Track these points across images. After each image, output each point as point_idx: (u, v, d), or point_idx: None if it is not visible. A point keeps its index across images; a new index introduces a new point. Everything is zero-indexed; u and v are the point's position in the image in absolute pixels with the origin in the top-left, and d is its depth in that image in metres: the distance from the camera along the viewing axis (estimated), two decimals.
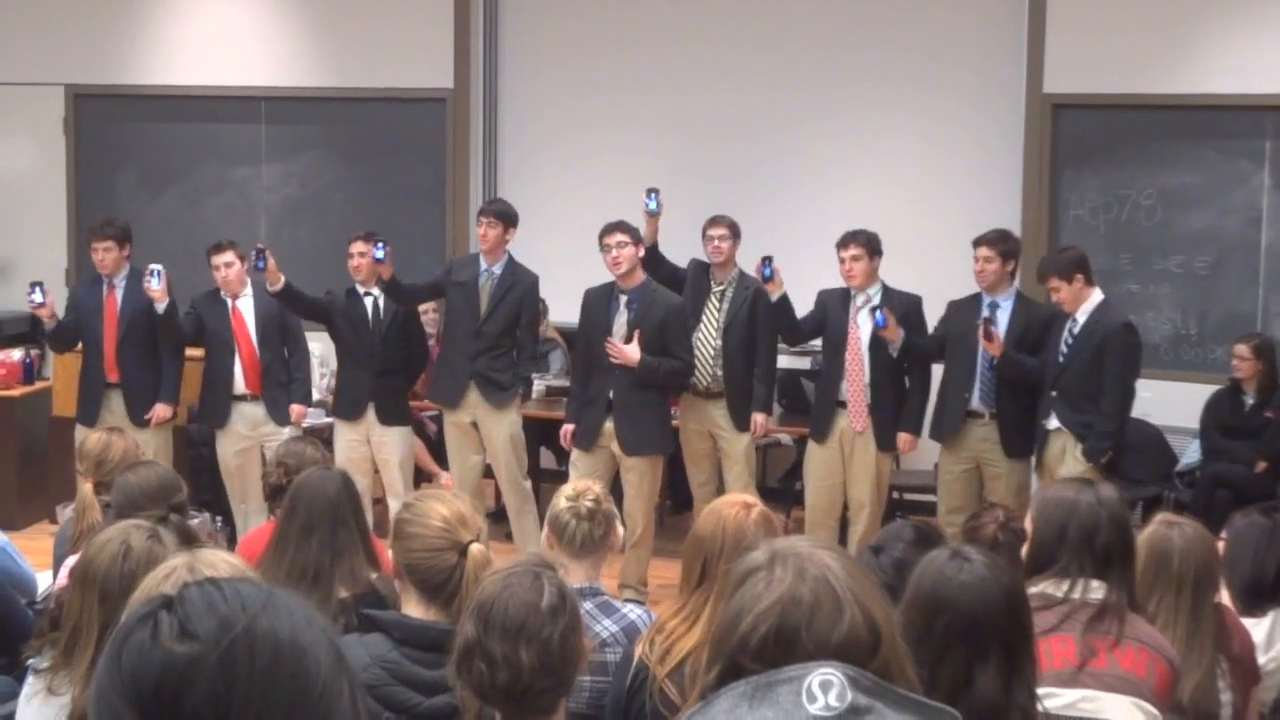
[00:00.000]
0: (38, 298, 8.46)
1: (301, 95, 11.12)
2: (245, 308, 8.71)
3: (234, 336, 8.67)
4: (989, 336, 7.85)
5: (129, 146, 11.47)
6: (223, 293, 8.70)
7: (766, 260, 8.16)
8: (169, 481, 4.90)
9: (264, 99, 11.18)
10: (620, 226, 8.19)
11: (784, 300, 8.26)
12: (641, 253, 8.23)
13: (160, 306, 8.47)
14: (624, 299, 8.20)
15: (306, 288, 8.85)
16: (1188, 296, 9.64)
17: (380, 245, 8.36)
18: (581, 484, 4.39)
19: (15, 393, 9.85)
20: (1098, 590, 3.56)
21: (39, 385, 10.06)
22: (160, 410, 8.71)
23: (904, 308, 8.26)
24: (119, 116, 11.45)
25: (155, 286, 8.39)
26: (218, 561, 2.69)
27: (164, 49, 11.29)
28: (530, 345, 8.75)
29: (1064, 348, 7.85)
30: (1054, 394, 7.84)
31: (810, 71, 10.32)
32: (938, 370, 8.43)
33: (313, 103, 11.13)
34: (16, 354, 10.08)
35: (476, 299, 8.59)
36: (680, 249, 8.69)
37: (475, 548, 3.47)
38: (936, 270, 9.19)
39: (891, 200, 9.91)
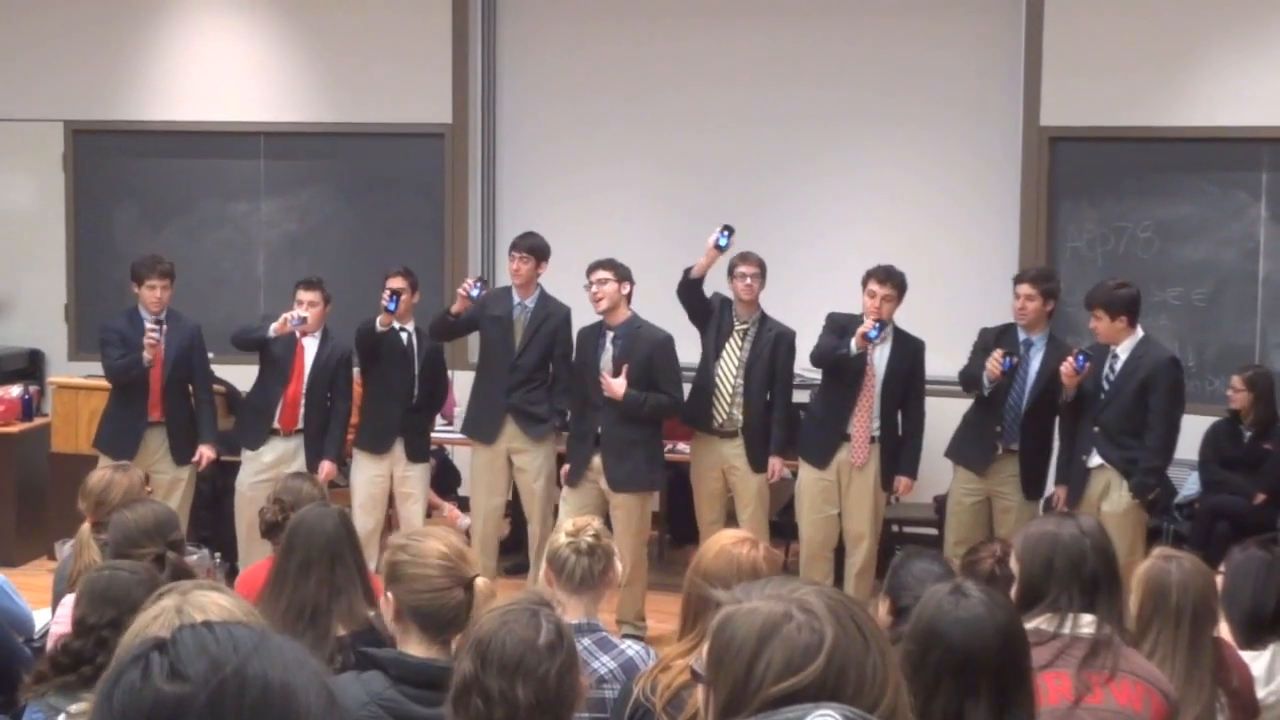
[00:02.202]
0: (157, 334, 8.48)
1: (300, 130, 11.13)
2: (309, 348, 8.69)
3: (290, 370, 8.67)
4: (1081, 371, 7.74)
5: (128, 182, 11.48)
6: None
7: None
8: (165, 519, 4.89)
9: (263, 134, 11.20)
10: (604, 264, 8.20)
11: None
12: (625, 290, 8.22)
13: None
14: (610, 335, 8.22)
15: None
16: (1185, 328, 9.65)
17: (479, 285, 8.51)
18: (581, 520, 4.38)
19: (14, 429, 9.84)
20: (1089, 625, 3.55)
21: (38, 421, 10.05)
22: (207, 453, 8.74)
23: (913, 350, 8.27)
24: (118, 152, 11.46)
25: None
26: (208, 603, 2.68)
27: (163, 85, 11.32)
28: (565, 377, 8.70)
29: (1105, 384, 7.82)
30: (1095, 430, 7.81)
31: (807, 106, 10.34)
32: (937, 407, 8.44)
33: (311, 138, 11.15)
34: (15, 390, 10.07)
35: (511, 333, 8.62)
36: (671, 282, 8.67)
37: (481, 582, 3.49)
38: (935, 303, 9.20)
39: (889, 234, 9.91)
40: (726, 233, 8.30)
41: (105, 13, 11.31)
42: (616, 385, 8.09)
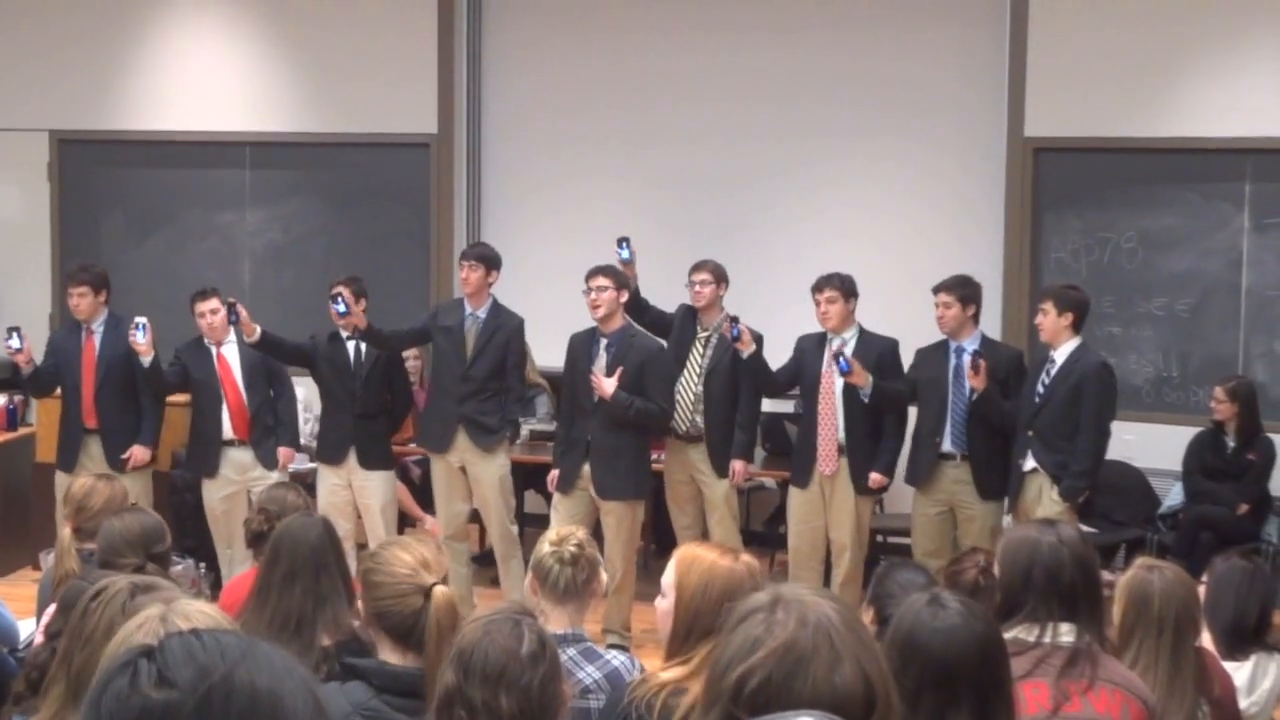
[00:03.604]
0: (15, 343, 8.45)
1: (286, 140, 11.14)
2: (230, 354, 8.70)
3: (221, 384, 8.65)
4: (976, 369, 7.89)
5: (114, 192, 11.48)
6: (207, 340, 8.69)
7: (733, 321, 8.20)
8: (151, 529, 4.88)
9: (248, 144, 11.21)
10: (603, 270, 8.23)
11: (755, 357, 8.27)
12: (624, 298, 8.26)
13: (145, 360, 8.45)
14: (603, 343, 8.24)
15: (289, 332, 8.86)
16: (1169, 339, 9.67)
17: (339, 299, 8.39)
18: (565, 529, 4.37)
19: None
20: (1068, 634, 3.55)
21: (22, 431, 10.03)
22: (138, 452, 8.68)
23: (880, 351, 8.28)
24: (104, 162, 11.46)
25: (140, 340, 8.36)
26: (193, 612, 2.66)
27: (149, 95, 11.32)
28: (517, 388, 8.75)
29: (1040, 388, 7.89)
30: (1030, 433, 7.87)
31: (791, 118, 10.36)
32: (915, 414, 8.46)
33: (297, 148, 11.15)
34: (0, 400, 10.06)
35: (462, 343, 8.61)
36: (663, 297, 8.69)
37: (439, 590, 3.49)
38: (921, 315, 9.19)
39: (875, 246, 9.94)
40: (624, 244, 8.53)
41: (91, 23, 11.32)
42: (607, 384, 8.10)
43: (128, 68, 11.34)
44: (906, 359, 8.41)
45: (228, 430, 8.67)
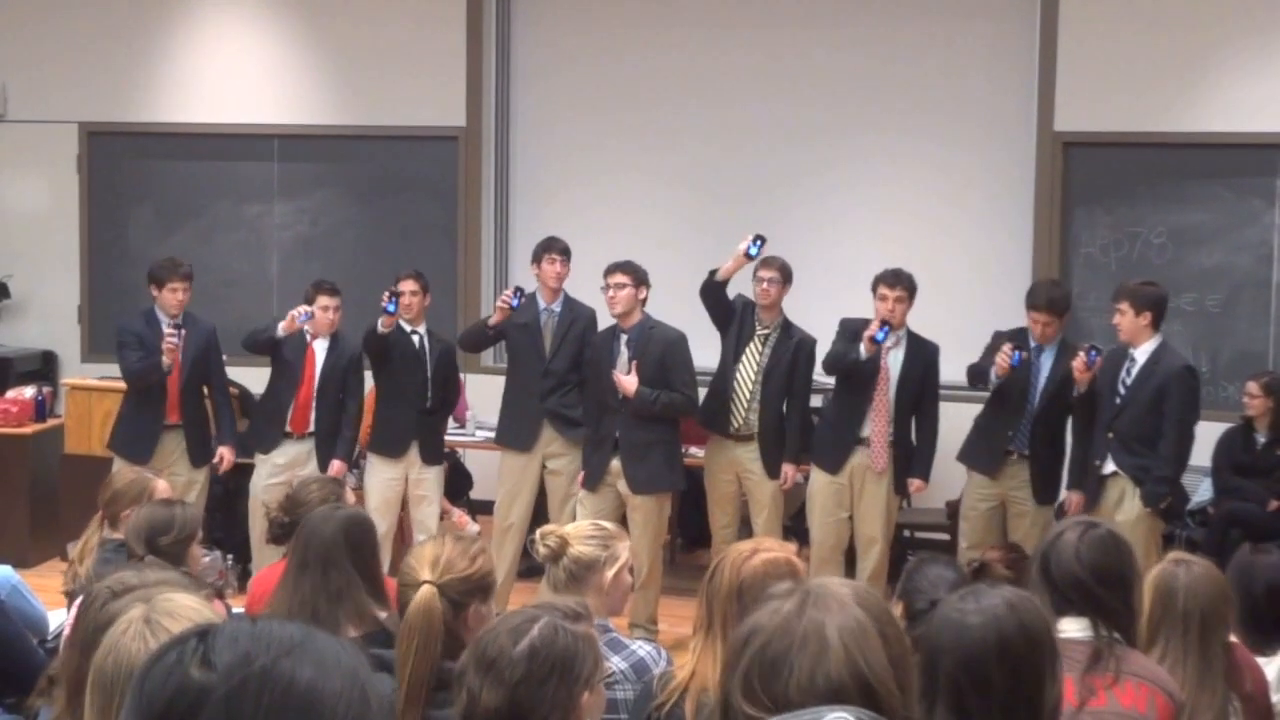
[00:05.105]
0: (176, 340, 8.46)
1: (314, 133, 11.16)
2: (319, 351, 8.70)
3: (300, 374, 8.67)
4: (1091, 365, 7.73)
5: (142, 184, 11.51)
6: (307, 329, 8.68)
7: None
8: (157, 521, 4.90)
9: (277, 136, 11.23)
10: (622, 267, 8.21)
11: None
12: (643, 295, 8.23)
13: (281, 331, 8.47)
14: (623, 339, 8.23)
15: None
16: (1199, 334, 9.63)
17: (518, 295, 8.48)
18: (545, 528, 4.33)
19: (27, 430, 9.86)
20: (1075, 629, 3.54)
21: (51, 422, 10.06)
22: (227, 454, 8.76)
23: (925, 354, 8.25)
24: (132, 154, 11.49)
25: (300, 323, 8.45)
26: (176, 609, 2.63)
27: (177, 87, 11.35)
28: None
29: (1121, 388, 7.78)
30: (1110, 436, 7.78)
31: (821, 113, 10.35)
32: (950, 411, 8.43)
33: (325, 140, 11.17)
34: (29, 391, 10.09)
35: (540, 339, 8.62)
36: (689, 293, 8.66)
37: (424, 589, 3.47)
38: (951, 308, 9.20)
39: (905, 240, 9.91)
40: (759, 242, 8.24)
41: (120, 15, 11.35)
42: (628, 382, 8.10)
43: (156, 60, 11.37)
44: (944, 363, 8.37)
45: (286, 421, 8.69)
